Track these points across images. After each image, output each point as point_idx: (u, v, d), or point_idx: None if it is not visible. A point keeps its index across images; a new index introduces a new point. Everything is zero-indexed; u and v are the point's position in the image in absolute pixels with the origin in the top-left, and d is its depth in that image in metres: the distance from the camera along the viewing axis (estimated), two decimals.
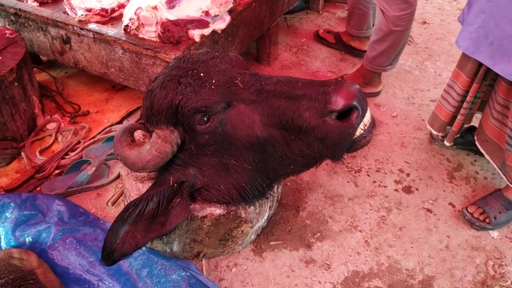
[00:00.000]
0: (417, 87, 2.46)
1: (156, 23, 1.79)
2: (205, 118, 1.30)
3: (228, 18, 1.92)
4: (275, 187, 1.57)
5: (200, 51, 1.42)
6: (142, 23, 1.81)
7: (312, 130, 1.23)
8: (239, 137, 1.33)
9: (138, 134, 1.57)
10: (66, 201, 1.71)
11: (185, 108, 1.28)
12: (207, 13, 1.83)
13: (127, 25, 1.84)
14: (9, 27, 2.03)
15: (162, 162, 1.36)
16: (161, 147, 1.34)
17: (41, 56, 2.46)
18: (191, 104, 1.27)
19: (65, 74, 2.43)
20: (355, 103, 1.18)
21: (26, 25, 2.13)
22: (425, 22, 3.03)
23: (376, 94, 2.38)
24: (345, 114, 1.21)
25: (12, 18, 2.15)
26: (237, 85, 1.31)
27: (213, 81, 1.31)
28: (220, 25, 1.88)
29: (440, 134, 1.93)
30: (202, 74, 1.32)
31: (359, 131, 1.24)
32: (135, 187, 1.50)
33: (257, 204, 1.52)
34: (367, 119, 1.25)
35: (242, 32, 2.12)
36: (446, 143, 1.91)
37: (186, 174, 1.41)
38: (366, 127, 1.25)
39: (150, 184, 1.47)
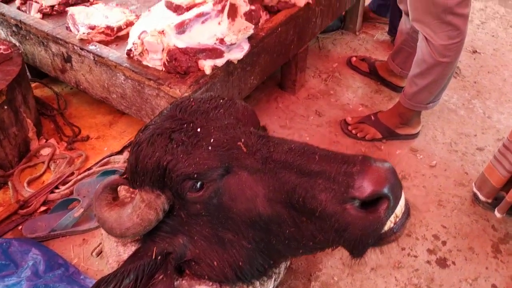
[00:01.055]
0: (462, 130, 2.14)
1: (162, 50, 1.55)
2: (198, 185, 1.05)
3: (246, 47, 1.66)
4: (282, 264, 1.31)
5: (202, 96, 1.17)
6: (146, 49, 1.57)
7: (328, 217, 0.96)
8: (238, 211, 1.08)
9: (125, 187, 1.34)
10: (45, 249, 1.50)
11: (174, 173, 1.03)
12: (222, 41, 1.58)
13: (130, 50, 1.61)
14: (5, 41, 1.84)
15: (145, 231, 1.12)
16: (144, 213, 1.10)
17: None
18: (181, 168, 1.02)
19: (70, 90, 2.23)
20: (385, 190, 0.91)
21: (27, 37, 1.93)
22: (476, 51, 2.69)
23: (414, 136, 2.08)
24: (372, 202, 0.94)
25: (14, 29, 1.96)
26: (239, 148, 1.05)
27: (211, 140, 1.05)
28: (236, 54, 1.63)
29: (489, 200, 1.63)
30: (199, 129, 1.07)
31: (388, 225, 0.96)
32: (115, 251, 1.27)
33: (257, 284, 1.26)
34: (399, 209, 0.97)
35: (264, 60, 1.86)
36: (497, 214, 1.60)
37: (174, 243, 1.17)
38: (397, 219, 0.97)
39: (133, 249, 1.24)
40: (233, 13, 1.60)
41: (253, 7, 1.69)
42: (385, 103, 2.28)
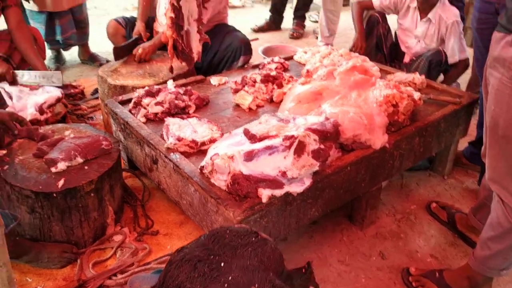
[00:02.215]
0: None
1: (228, 173, 1.70)
2: None
3: (308, 182, 1.74)
4: None
5: (239, 229, 1.25)
6: (215, 169, 1.73)
7: None
8: None
9: None
10: None
11: None
12: (284, 173, 1.68)
13: (202, 166, 1.78)
14: (109, 138, 2.14)
15: None
16: None
17: None
18: None
19: (156, 185, 2.47)
20: None
21: (130, 136, 2.23)
22: None
23: None
24: None
25: (122, 127, 2.28)
26: None
27: (230, 278, 1.11)
28: (296, 188, 1.71)
29: None
30: (222, 264, 1.14)
31: None
32: None
33: None
34: None
35: (328, 195, 1.91)
36: None
37: None
38: None
39: None
40: (300, 150, 1.70)
41: (322, 146, 1.78)
42: (458, 259, 2.13)
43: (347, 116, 1.96)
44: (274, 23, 5.07)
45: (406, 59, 3.41)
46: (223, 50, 3.09)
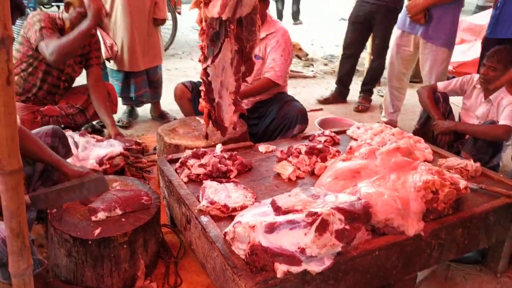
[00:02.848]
0: None
1: (248, 243, 1.71)
2: None
3: (328, 262, 1.70)
4: None
5: None
6: (236, 237, 1.75)
7: None
8: None
9: None
10: None
11: None
12: (303, 250, 1.66)
13: (226, 233, 1.81)
14: (150, 193, 2.26)
15: None
16: None
17: None
18: None
19: (189, 244, 2.52)
20: None
21: (172, 193, 2.34)
22: None
23: None
24: None
25: (167, 184, 2.40)
26: None
27: None
28: (314, 267, 1.67)
29: None
30: None
31: None
32: None
33: None
34: None
35: (353, 279, 1.84)
36: None
37: None
38: None
39: None
40: (322, 228, 1.69)
41: (347, 227, 1.75)
42: None
43: (381, 198, 1.92)
44: (340, 95, 5.13)
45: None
46: (280, 118, 3.19)
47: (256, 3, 1.90)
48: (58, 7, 6.66)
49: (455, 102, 3.77)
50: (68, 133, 2.93)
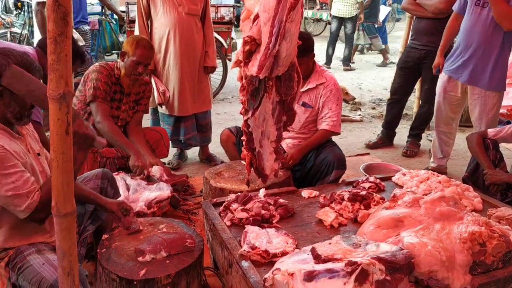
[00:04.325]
0: None
1: None
2: None
3: None
4: None
5: None
6: (275, 284, 1.76)
7: None
8: None
9: None
10: None
11: None
12: None
13: (265, 279, 1.83)
14: (194, 236, 2.31)
15: None
16: None
17: None
18: None
19: None
20: None
21: (215, 237, 2.39)
22: None
23: None
24: None
25: (210, 227, 2.46)
26: None
27: None
28: None
29: None
30: None
31: None
32: None
33: None
34: None
35: None
36: None
37: None
38: None
39: None
40: (362, 278, 1.67)
41: (388, 278, 1.72)
42: None
43: (425, 249, 1.88)
44: (387, 138, 5.08)
45: None
46: (318, 163, 3.21)
47: (294, 61, 1.99)
48: (118, 54, 7.12)
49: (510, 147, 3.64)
50: (121, 175, 3.08)
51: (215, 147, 4.59)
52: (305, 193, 2.77)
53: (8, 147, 1.88)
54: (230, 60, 6.66)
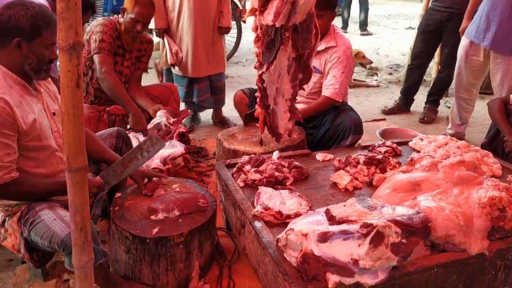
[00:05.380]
0: None
1: (300, 251, 1.70)
2: None
3: (382, 276, 1.65)
4: None
5: None
6: (288, 244, 1.74)
7: None
8: None
9: None
10: None
11: None
12: (356, 262, 1.62)
13: (278, 239, 1.81)
14: (207, 196, 2.30)
15: None
16: None
17: None
18: None
19: (242, 248, 2.54)
20: None
21: (228, 197, 2.38)
22: None
23: None
24: None
25: (223, 188, 2.44)
26: None
27: None
28: (368, 279, 1.63)
29: None
30: None
31: None
32: None
33: None
34: None
35: None
36: None
37: None
38: None
39: None
40: (377, 240, 1.64)
41: (404, 241, 1.68)
42: None
43: (442, 213, 1.83)
44: (404, 105, 4.98)
45: None
46: (334, 127, 3.14)
47: (312, 11, 1.90)
48: None
49: None
50: (133, 134, 3.06)
51: (228, 110, 4.54)
52: (319, 156, 2.72)
53: (15, 108, 1.85)
54: (244, 22, 6.51)
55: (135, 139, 3.00)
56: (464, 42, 3.92)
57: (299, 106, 3.27)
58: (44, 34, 1.88)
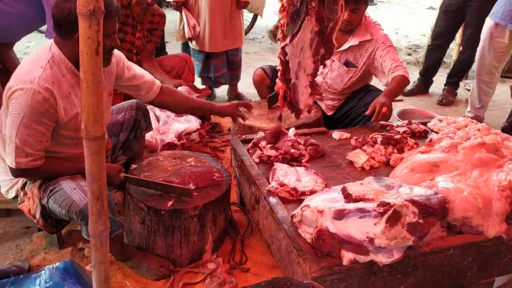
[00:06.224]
0: None
1: (315, 227, 1.69)
2: None
3: (397, 255, 1.64)
4: None
5: (300, 283, 1.26)
6: (303, 221, 1.74)
7: None
8: None
9: None
10: None
11: None
12: (371, 240, 1.61)
13: (293, 215, 1.81)
14: (222, 170, 2.30)
15: None
16: None
17: None
18: None
19: (256, 223, 2.54)
20: None
21: (242, 172, 2.37)
22: None
23: None
24: None
25: (238, 163, 2.44)
26: None
27: None
28: (383, 258, 1.62)
29: None
30: None
31: None
32: None
33: None
34: None
35: (422, 275, 1.76)
36: None
37: None
38: None
39: None
40: (394, 219, 1.62)
41: (421, 221, 1.66)
42: None
43: (460, 195, 1.81)
44: (423, 86, 4.89)
45: None
46: (359, 107, 3.07)
47: None
48: None
49: None
50: (150, 107, 3.06)
51: (244, 87, 4.51)
52: (336, 134, 2.69)
53: (59, 100, 1.84)
54: None
55: (151, 111, 3.00)
56: (488, 23, 3.80)
57: (331, 102, 3.23)
58: (105, 25, 1.84)
